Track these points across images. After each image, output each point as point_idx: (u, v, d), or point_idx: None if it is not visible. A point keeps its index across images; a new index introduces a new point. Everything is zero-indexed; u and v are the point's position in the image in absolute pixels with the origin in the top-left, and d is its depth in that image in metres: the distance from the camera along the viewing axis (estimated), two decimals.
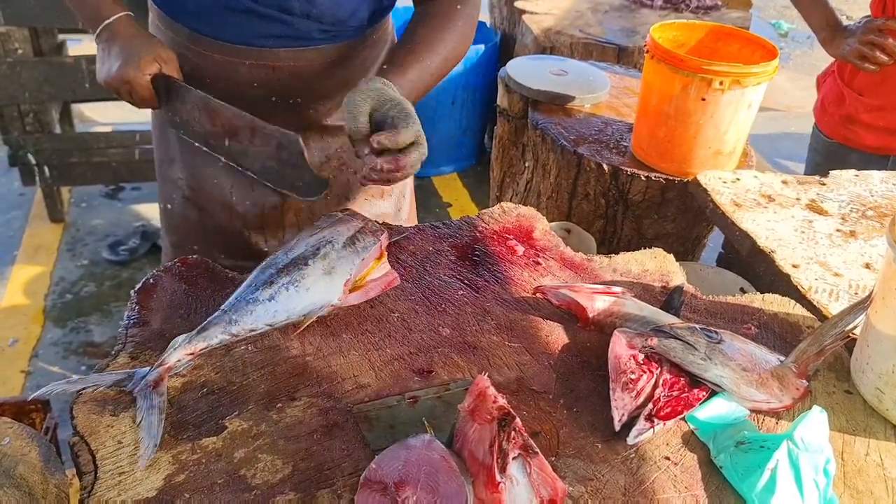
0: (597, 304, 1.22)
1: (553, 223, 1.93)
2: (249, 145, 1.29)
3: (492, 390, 0.88)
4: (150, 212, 3.87)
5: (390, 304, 1.25)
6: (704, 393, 1.09)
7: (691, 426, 1.06)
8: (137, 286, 1.24)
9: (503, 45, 4.24)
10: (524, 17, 3.81)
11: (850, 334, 1.19)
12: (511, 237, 1.43)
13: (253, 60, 1.38)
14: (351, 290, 1.18)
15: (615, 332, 1.14)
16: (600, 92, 2.16)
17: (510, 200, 2.26)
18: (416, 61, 1.32)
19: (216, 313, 1.11)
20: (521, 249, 1.41)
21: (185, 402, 1.04)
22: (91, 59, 3.43)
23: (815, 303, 1.37)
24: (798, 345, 1.16)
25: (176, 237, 1.64)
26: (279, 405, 1.05)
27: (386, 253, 1.25)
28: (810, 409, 0.99)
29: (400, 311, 1.24)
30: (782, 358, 1.14)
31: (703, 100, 1.70)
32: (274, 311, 1.12)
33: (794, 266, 1.46)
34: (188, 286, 1.25)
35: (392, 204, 1.62)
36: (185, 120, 1.35)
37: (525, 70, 2.21)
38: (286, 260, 1.17)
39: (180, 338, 1.07)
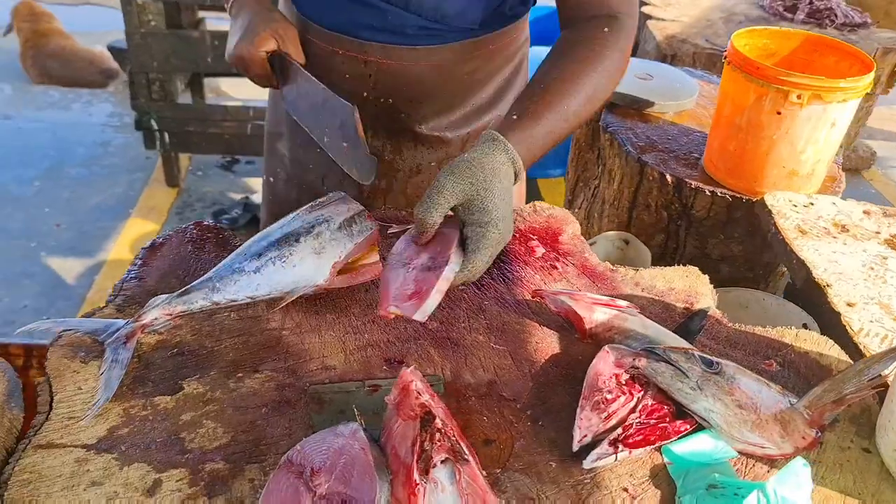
0: (596, 315, 1.13)
1: (611, 232, 1.84)
2: (326, 122, 1.27)
3: (417, 385, 0.83)
4: (257, 185, 4.03)
5: None
6: (688, 426, 0.99)
7: (666, 459, 0.96)
8: (148, 243, 1.28)
9: None
10: (649, 22, 3.67)
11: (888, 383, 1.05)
12: (534, 237, 1.37)
13: (346, 50, 1.33)
14: (339, 273, 1.15)
15: (605, 347, 1.06)
16: (685, 99, 2.03)
17: (580, 205, 2.17)
18: (550, 109, 1.13)
19: (201, 278, 1.11)
20: (540, 251, 1.33)
21: (154, 360, 1.06)
22: (216, 35, 3.62)
23: (861, 347, 1.22)
24: (813, 389, 1.03)
25: (277, 210, 1.58)
26: (240, 375, 1.04)
27: (380, 239, 1.21)
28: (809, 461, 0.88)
29: None
30: (794, 400, 1.02)
31: (779, 113, 1.55)
32: (257, 283, 1.10)
33: (849, 304, 1.31)
34: (195, 249, 1.28)
35: None
36: (293, 100, 1.35)
37: None
38: (279, 234, 1.15)
39: (160, 297, 1.08)
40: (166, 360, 1.06)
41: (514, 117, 1.12)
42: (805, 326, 1.54)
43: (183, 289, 1.09)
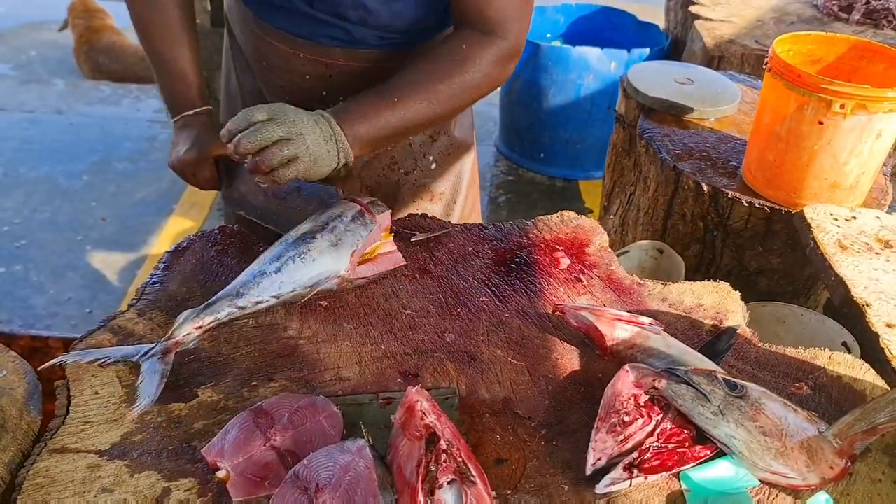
0: (618, 332, 1.10)
1: (644, 241, 1.80)
2: (296, 208, 1.28)
3: (422, 405, 0.81)
4: None
5: (406, 299, 1.20)
6: (708, 452, 0.96)
7: (683, 486, 0.93)
8: (172, 247, 1.29)
9: (673, 51, 4.02)
10: (696, 22, 3.58)
11: None
12: (560, 248, 1.34)
13: (307, 54, 1.37)
14: (359, 263, 1.16)
15: (626, 366, 1.03)
16: (725, 106, 1.97)
17: (616, 212, 2.13)
18: (396, 109, 1.20)
19: (225, 288, 1.12)
20: (565, 263, 1.31)
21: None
22: None
23: None
24: (843, 416, 0.98)
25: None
26: (254, 383, 1.04)
27: (393, 227, 1.21)
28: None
29: (413, 308, 1.19)
30: (823, 428, 0.98)
31: (821, 123, 1.49)
32: (280, 282, 1.13)
33: (889, 326, 1.25)
34: (217, 254, 1.28)
35: (441, 208, 1.57)
36: (242, 195, 1.35)
37: (647, 75, 2.06)
38: (295, 236, 1.18)
39: (187, 312, 1.09)
40: (182, 367, 1.06)
41: (358, 102, 1.20)
42: (845, 345, 1.48)
43: (208, 301, 1.10)
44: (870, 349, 1.27)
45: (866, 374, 1.13)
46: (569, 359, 1.12)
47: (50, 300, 3.12)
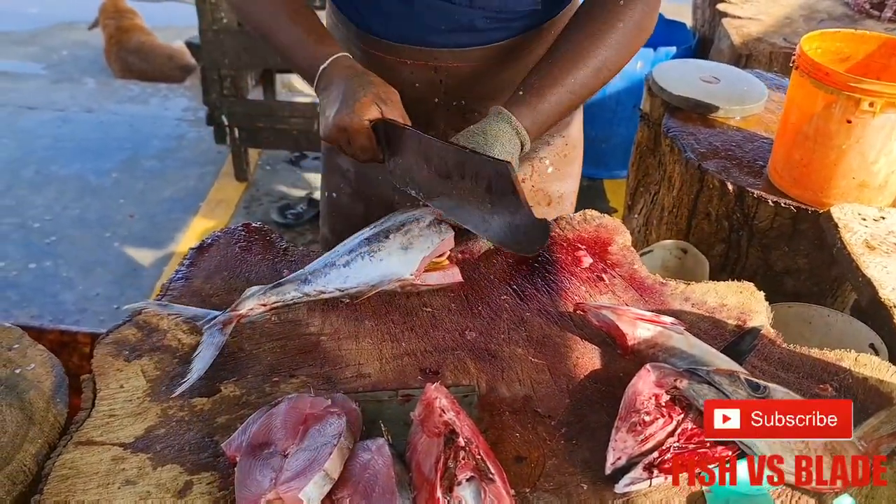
0: (639, 331, 1.10)
1: (668, 241, 1.79)
2: (461, 189, 1.15)
3: (441, 402, 0.82)
4: None
5: (426, 297, 1.21)
6: (730, 453, 0.95)
7: (704, 487, 0.92)
8: (197, 244, 1.30)
9: (700, 49, 3.98)
10: (724, 20, 3.54)
11: None
12: (582, 247, 1.33)
13: (414, 59, 1.33)
14: (427, 270, 1.18)
15: (647, 365, 1.02)
16: (752, 104, 1.95)
17: (640, 211, 2.12)
18: (559, 82, 1.20)
19: (295, 273, 1.16)
20: (587, 261, 1.30)
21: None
22: None
23: None
24: (869, 419, 0.97)
25: (340, 226, 1.56)
26: (276, 379, 1.05)
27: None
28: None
29: (434, 306, 1.19)
30: None
31: (849, 122, 1.47)
32: (346, 276, 1.15)
33: None
34: (242, 251, 1.29)
35: (554, 210, 1.55)
36: (404, 171, 1.22)
37: (673, 74, 2.05)
38: (371, 232, 1.19)
39: (254, 288, 1.13)
40: None
41: (521, 93, 1.20)
42: (872, 347, 1.46)
43: (276, 281, 1.15)
44: None
45: (893, 377, 1.11)
46: (590, 358, 1.11)
47: (79, 296, 3.17)
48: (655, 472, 0.91)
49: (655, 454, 0.92)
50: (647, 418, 0.96)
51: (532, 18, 1.32)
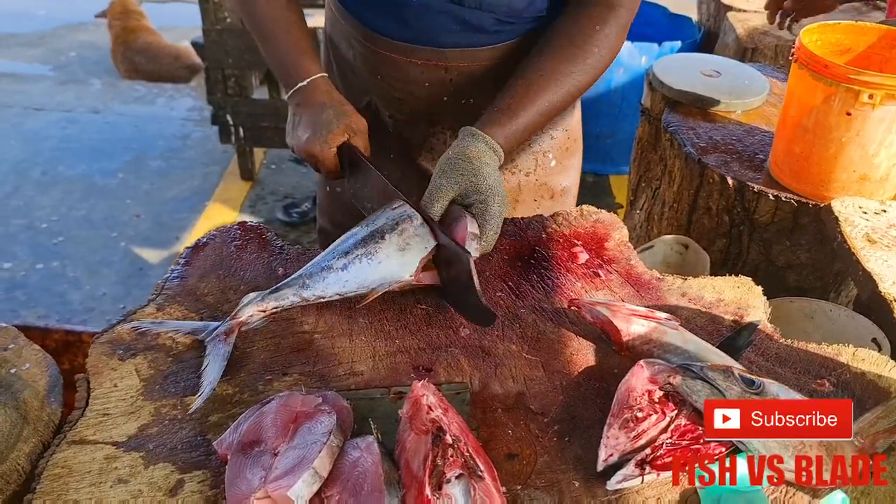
0: (634, 327, 1.09)
1: (669, 236, 1.78)
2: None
3: (428, 399, 0.81)
4: None
5: (421, 294, 1.20)
6: (724, 449, 0.94)
7: (697, 483, 0.92)
8: (192, 243, 1.30)
9: (705, 44, 3.96)
10: (729, 14, 3.53)
11: None
12: (578, 243, 1.33)
13: (424, 60, 1.34)
14: (424, 269, 1.16)
15: (641, 361, 1.01)
16: (753, 98, 1.93)
17: (642, 206, 2.11)
18: (531, 103, 1.23)
19: (292, 276, 1.15)
20: (584, 258, 1.30)
21: (187, 359, 1.08)
22: None
23: None
24: (865, 414, 0.96)
25: (340, 217, 1.59)
26: (268, 377, 1.05)
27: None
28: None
29: (428, 304, 1.19)
30: None
31: (848, 114, 1.46)
32: (345, 280, 1.14)
33: None
34: (237, 249, 1.29)
35: (557, 204, 1.56)
36: (357, 191, 1.32)
37: (673, 68, 2.04)
38: (365, 232, 1.18)
39: (252, 294, 1.12)
40: (200, 360, 1.07)
41: (494, 110, 1.23)
42: (875, 342, 1.45)
43: (274, 286, 1.13)
44: None
45: (891, 371, 1.10)
46: (584, 354, 1.11)
47: (85, 295, 3.19)
48: (648, 468, 0.90)
49: (648, 451, 0.92)
50: (639, 415, 0.95)
51: (538, 22, 1.33)
